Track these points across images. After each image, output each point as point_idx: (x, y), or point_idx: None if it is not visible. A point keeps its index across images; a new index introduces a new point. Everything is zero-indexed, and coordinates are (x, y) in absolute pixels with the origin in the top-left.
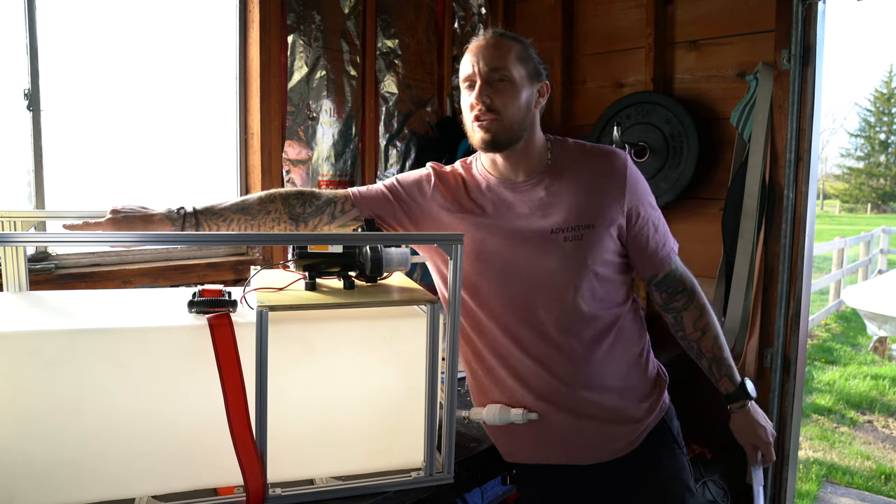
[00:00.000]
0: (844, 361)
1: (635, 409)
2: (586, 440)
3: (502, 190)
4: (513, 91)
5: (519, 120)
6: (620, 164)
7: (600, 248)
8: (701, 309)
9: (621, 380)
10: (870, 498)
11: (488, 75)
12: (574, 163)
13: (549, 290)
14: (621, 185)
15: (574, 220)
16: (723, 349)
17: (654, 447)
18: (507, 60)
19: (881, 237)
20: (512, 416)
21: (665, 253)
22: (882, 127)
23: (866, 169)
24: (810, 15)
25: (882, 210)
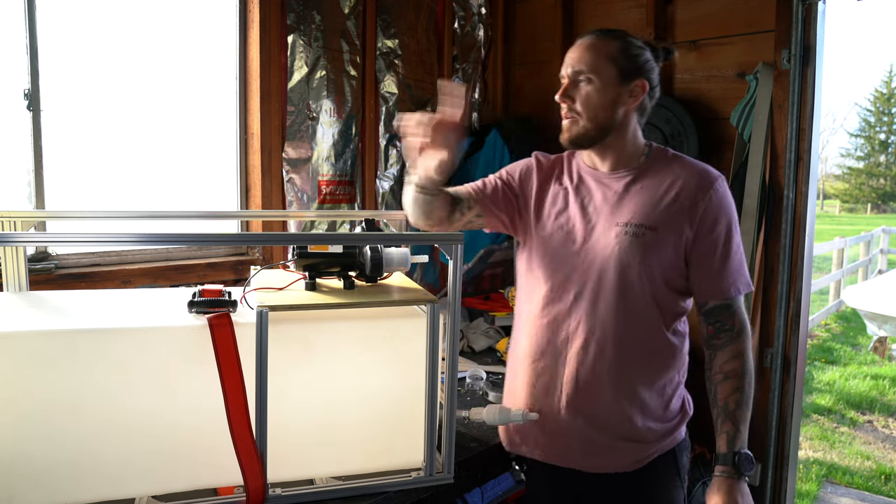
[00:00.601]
0: (844, 361)
1: (646, 431)
2: (589, 447)
3: (586, 176)
4: (594, 92)
5: (601, 120)
6: (706, 183)
7: (657, 253)
8: (736, 355)
9: (640, 395)
10: (870, 498)
11: (572, 76)
12: (663, 170)
13: (595, 275)
14: (699, 201)
15: (640, 219)
16: (739, 407)
17: (656, 474)
18: (593, 62)
19: (881, 237)
20: (512, 416)
21: (723, 284)
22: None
23: (866, 169)
24: (810, 15)
25: (882, 210)
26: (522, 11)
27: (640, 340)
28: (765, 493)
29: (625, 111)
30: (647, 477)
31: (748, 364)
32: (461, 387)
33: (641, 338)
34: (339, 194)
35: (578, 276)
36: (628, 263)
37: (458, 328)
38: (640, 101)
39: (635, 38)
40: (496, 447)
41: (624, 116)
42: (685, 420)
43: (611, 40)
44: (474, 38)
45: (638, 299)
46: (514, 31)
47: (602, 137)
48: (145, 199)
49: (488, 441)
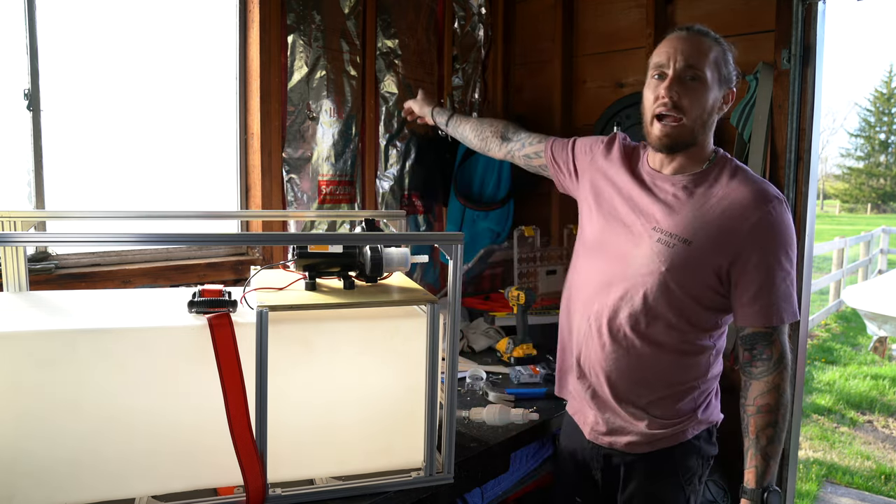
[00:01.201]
0: (844, 361)
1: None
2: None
3: (644, 173)
4: (703, 92)
5: (701, 123)
6: (758, 204)
7: (685, 266)
8: (772, 388)
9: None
10: (870, 498)
11: (682, 71)
12: (719, 182)
13: (627, 273)
14: (747, 226)
15: (676, 229)
16: (771, 442)
17: (652, 467)
18: (704, 60)
19: (881, 237)
20: (512, 416)
21: (765, 312)
22: (882, 127)
23: (866, 169)
24: (810, 15)
25: (882, 210)
26: (522, 11)
27: (656, 344)
28: None
29: (715, 118)
30: (639, 466)
31: (784, 398)
32: (461, 387)
33: (658, 342)
34: (339, 194)
35: (609, 268)
36: (653, 270)
37: (458, 328)
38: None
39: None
40: (496, 447)
41: (712, 124)
42: (695, 423)
43: (714, 43)
44: (474, 38)
45: (658, 307)
46: (514, 31)
47: (693, 143)
48: (145, 199)
49: (488, 441)
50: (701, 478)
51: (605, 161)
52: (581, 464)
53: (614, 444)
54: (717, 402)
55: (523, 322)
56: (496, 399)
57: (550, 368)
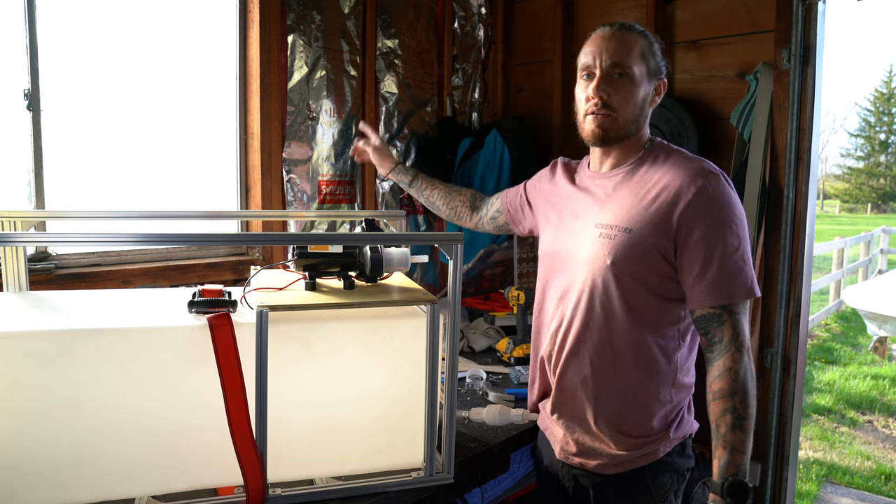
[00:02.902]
0: (844, 361)
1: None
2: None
3: (584, 178)
4: (632, 88)
5: (633, 118)
6: (692, 181)
7: (629, 255)
8: (724, 371)
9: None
10: (870, 498)
11: (609, 69)
12: (654, 168)
13: (577, 277)
14: (680, 201)
15: (615, 220)
16: (731, 430)
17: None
18: (629, 56)
19: (881, 237)
20: (512, 417)
21: (711, 290)
22: (882, 127)
23: (866, 169)
24: (810, 15)
25: (882, 210)
26: (522, 11)
27: (614, 346)
28: (765, 493)
29: (648, 110)
30: (611, 487)
31: (740, 382)
32: (461, 387)
33: (617, 344)
34: (339, 194)
35: (562, 278)
36: (598, 266)
37: (458, 328)
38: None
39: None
40: (496, 447)
41: (645, 116)
42: (667, 441)
43: (639, 36)
44: (474, 38)
45: (610, 303)
46: (514, 31)
47: (628, 136)
48: (145, 199)
49: (488, 441)
50: (677, 492)
51: (550, 184)
52: (554, 478)
53: (584, 465)
54: (689, 416)
55: (523, 322)
56: (496, 399)
57: None
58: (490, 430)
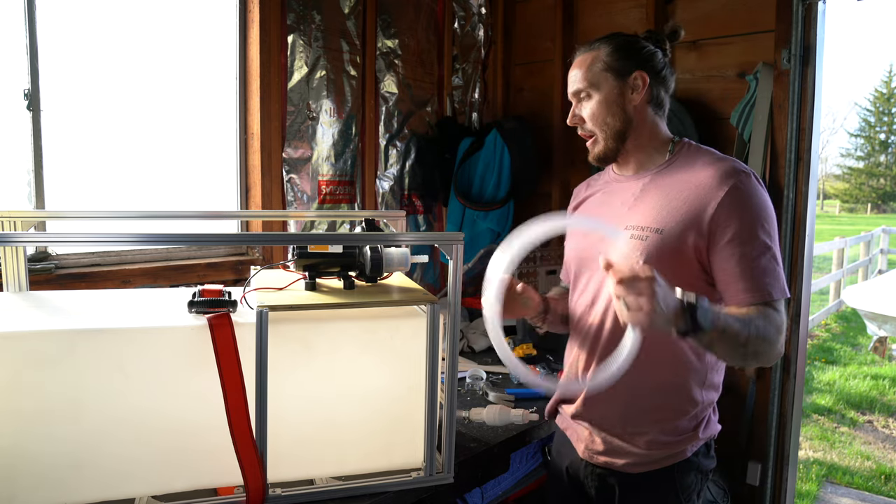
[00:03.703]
0: (844, 361)
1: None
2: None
3: (611, 182)
4: (598, 104)
5: (616, 127)
6: (728, 183)
7: (663, 255)
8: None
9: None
10: (870, 498)
11: (573, 98)
12: (683, 168)
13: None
14: (715, 203)
15: (646, 221)
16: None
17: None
18: (585, 75)
19: (881, 237)
20: (512, 417)
21: (747, 288)
22: (882, 127)
23: (866, 169)
24: (810, 15)
25: (882, 210)
26: (522, 11)
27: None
28: (765, 493)
29: (634, 108)
30: (637, 486)
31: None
32: (461, 387)
33: (650, 344)
34: (339, 194)
35: (595, 283)
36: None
37: (458, 328)
38: (649, 93)
39: (626, 34)
40: (496, 447)
41: (636, 114)
42: (695, 441)
43: (597, 47)
44: (474, 38)
45: None
46: (514, 31)
47: (622, 143)
48: (145, 199)
49: (488, 441)
50: (699, 493)
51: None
52: (574, 480)
53: (610, 464)
54: (715, 417)
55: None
56: (496, 399)
57: (550, 368)
58: (490, 430)
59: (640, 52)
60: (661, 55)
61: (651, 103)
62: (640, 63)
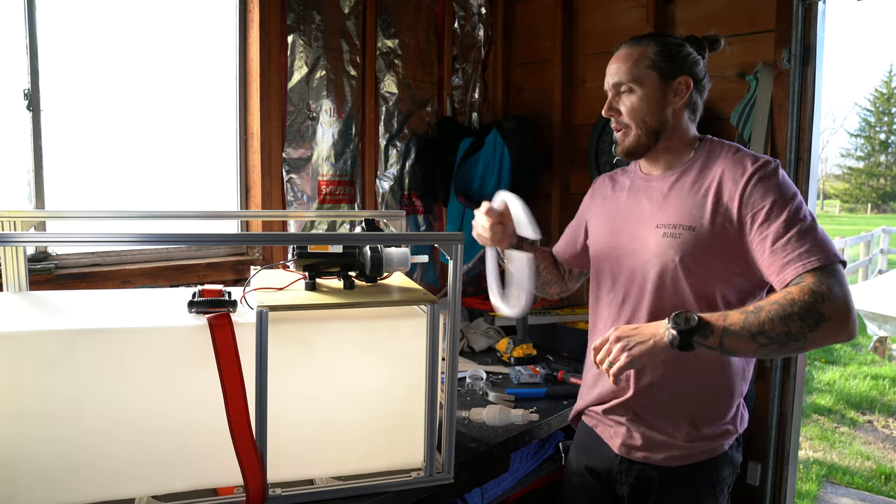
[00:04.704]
0: (844, 361)
1: (688, 437)
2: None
3: (638, 181)
4: (639, 100)
5: (651, 126)
6: (749, 168)
7: (697, 251)
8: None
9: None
10: (870, 498)
11: (613, 89)
12: (710, 164)
13: (638, 279)
14: (742, 189)
15: (678, 219)
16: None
17: (686, 480)
18: (630, 69)
19: (881, 237)
20: (512, 417)
21: (789, 258)
22: (882, 127)
23: (866, 169)
24: (810, 15)
25: (882, 210)
26: (522, 11)
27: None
28: (765, 493)
29: (673, 112)
30: (673, 479)
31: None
32: (461, 387)
33: None
34: (339, 194)
35: (625, 280)
36: (665, 265)
37: (458, 328)
38: (689, 98)
39: (672, 35)
40: (496, 447)
41: (673, 117)
42: (732, 435)
43: (645, 44)
44: (474, 38)
45: (682, 299)
46: (514, 31)
47: (655, 142)
48: (145, 199)
49: (488, 441)
50: (730, 487)
51: (602, 197)
52: (602, 477)
53: (649, 458)
54: (745, 411)
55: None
56: (496, 399)
57: (550, 368)
58: (490, 430)
59: (686, 57)
60: (703, 63)
61: (688, 108)
62: (686, 68)
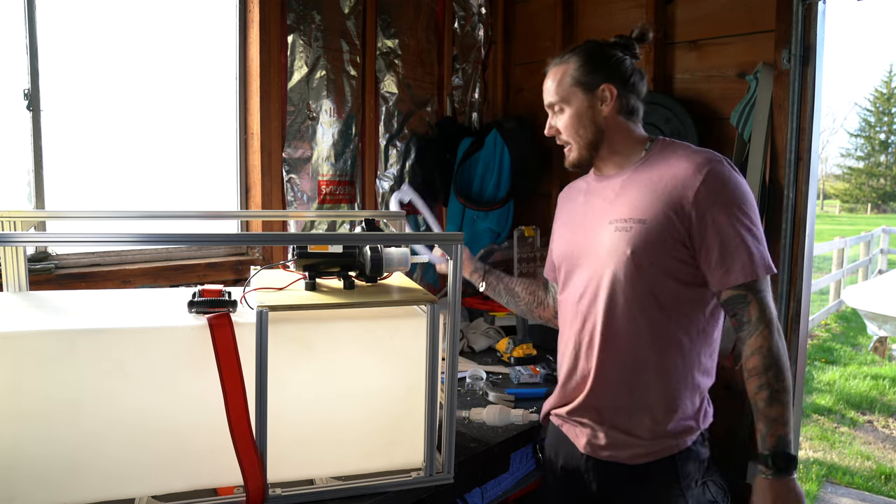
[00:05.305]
0: (844, 361)
1: (645, 428)
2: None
3: (592, 184)
4: (570, 118)
5: (587, 137)
6: (701, 166)
7: (647, 244)
8: (755, 350)
9: (644, 392)
10: (870, 498)
11: (549, 109)
12: (661, 161)
13: (595, 275)
14: (692, 192)
15: (629, 213)
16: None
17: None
18: (556, 89)
19: (881, 237)
20: (512, 417)
21: (730, 270)
22: (882, 127)
23: (866, 169)
24: (810, 15)
25: (882, 210)
26: (522, 11)
27: (640, 336)
28: None
29: (605, 119)
30: (639, 476)
31: (773, 358)
32: (461, 387)
33: (645, 333)
34: (339, 194)
35: (582, 279)
36: (617, 259)
37: (458, 328)
38: (618, 103)
39: (596, 42)
40: (496, 447)
41: (607, 123)
42: (695, 430)
43: (567, 60)
44: (474, 38)
45: (634, 294)
46: (514, 31)
47: (596, 152)
48: (145, 199)
49: (488, 441)
50: (697, 481)
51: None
52: (573, 476)
53: (614, 456)
54: (710, 407)
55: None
56: (496, 399)
57: (550, 368)
58: (490, 430)
59: (607, 63)
60: (630, 62)
61: (622, 112)
62: (608, 75)
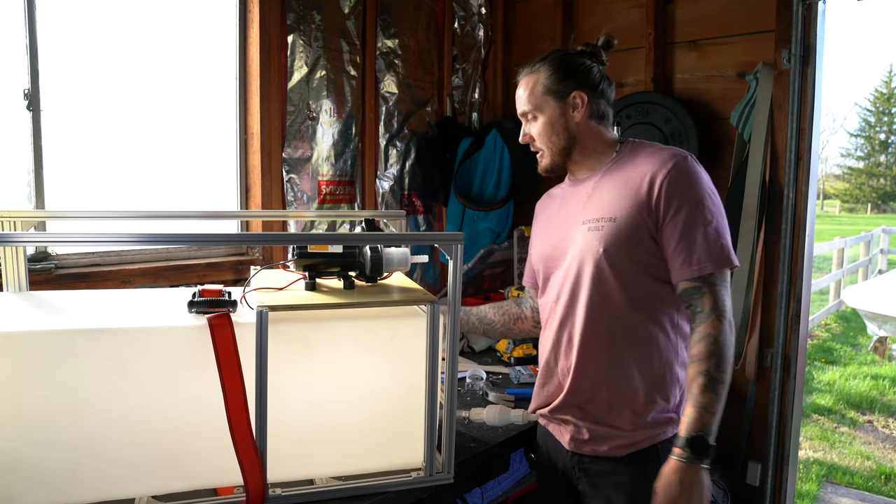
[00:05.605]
0: (844, 361)
1: (621, 420)
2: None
3: (567, 188)
4: (543, 126)
5: (560, 145)
6: (665, 161)
7: (618, 241)
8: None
9: (624, 387)
10: (870, 498)
11: (522, 118)
12: (629, 162)
13: (570, 275)
14: (654, 183)
15: (600, 212)
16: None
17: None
18: (530, 100)
19: (881, 237)
20: (512, 417)
21: (686, 262)
22: (882, 127)
23: (866, 169)
24: (810, 15)
25: (882, 210)
26: (522, 11)
27: (617, 332)
28: (765, 493)
29: (577, 125)
30: (622, 466)
31: (717, 347)
32: (461, 387)
33: (622, 327)
34: (339, 194)
35: (558, 280)
36: (590, 257)
37: (458, 328)
38: (589, 109)
39: (564, 51)
40: (496, 447)
41: (579, 129)
42: (674, 423)
43: (538, 69)
44: (474, 38)
45: (609, 291)
46: (514, 31)
47: (568, 157)
48: (145, 199)
49: (488, 441)
50: None
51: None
52: (562, 472)
53: (597, 451)
54: None
55: None
56: (496, 399)
57: None
58: (490, 430)
59: (577, 71)
60: (598, 68)
61: (593, 117)
62: (578, 82)
